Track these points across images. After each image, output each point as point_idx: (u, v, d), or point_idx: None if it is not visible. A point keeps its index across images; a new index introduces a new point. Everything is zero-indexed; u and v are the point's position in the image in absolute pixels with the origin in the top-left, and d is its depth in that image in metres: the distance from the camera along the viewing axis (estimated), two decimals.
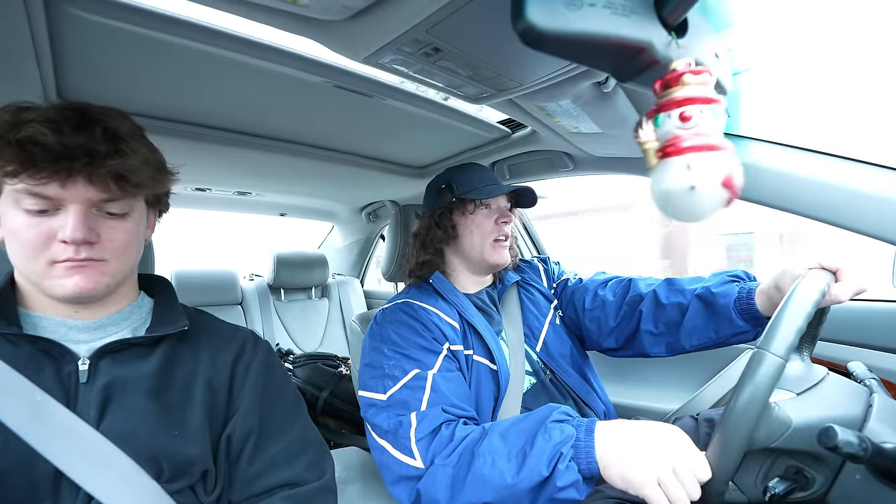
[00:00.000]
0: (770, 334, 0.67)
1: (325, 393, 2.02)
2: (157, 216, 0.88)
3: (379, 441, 0.95)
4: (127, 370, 0.74)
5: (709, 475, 0.67)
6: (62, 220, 0.67)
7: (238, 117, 1.32)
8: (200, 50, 0.91)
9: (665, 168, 0.56)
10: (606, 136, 1.21)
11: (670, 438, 0.73)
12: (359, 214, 2.83)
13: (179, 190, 2.12)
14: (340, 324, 2.91)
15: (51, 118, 0.66)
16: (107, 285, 0.73)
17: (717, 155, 0.54)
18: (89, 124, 0.68)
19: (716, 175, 0.53)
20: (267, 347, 0.91)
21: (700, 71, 0.54)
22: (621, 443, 0.74)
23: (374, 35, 0.78)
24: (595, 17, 0.49)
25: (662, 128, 0.56)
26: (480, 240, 1.19)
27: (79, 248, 0.68)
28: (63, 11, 0.79)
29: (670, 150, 0.55)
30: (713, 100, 0.54)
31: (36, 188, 0.66)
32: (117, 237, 0.72)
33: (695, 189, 0.53)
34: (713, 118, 0.54)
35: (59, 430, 0.65)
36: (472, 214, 1.20)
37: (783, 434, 0.69)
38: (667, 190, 0.55)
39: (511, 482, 0.76)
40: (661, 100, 0.56)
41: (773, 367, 0.64)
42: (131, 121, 0.75)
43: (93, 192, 0.68)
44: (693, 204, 0.54)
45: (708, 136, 0.54)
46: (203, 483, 0.76)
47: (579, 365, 1.23)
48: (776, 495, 0.71)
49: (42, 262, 0.68)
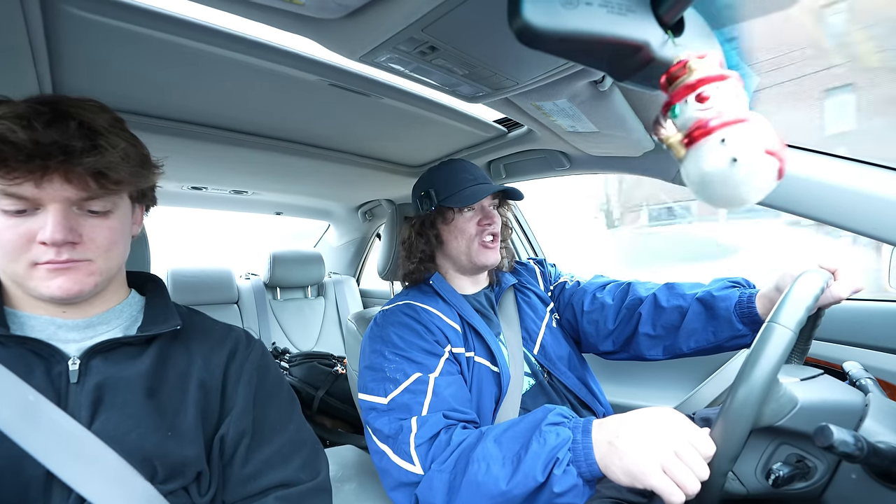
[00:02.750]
0: (780, 308, 0.67)
1: (321, 392, 2.02)
2: (144, 211, 0.85)
3: (380, 445, 0.95)
4: (118, 370, 0.72)
5: (713, 450, 0.66)
6: (41, 220, 0.65)
7: (234, 116, 1.31)
8: (196, 48, 0.90)
9: (697, 151, 0.51)
10: (603, 135, 1.20)
11: (666, 422, 0.71)
12: (355, 213, 2.82)
13: (175, 189, 2.12)
14: (336, 323, 2.90)
15: (21, 114, 0.63)
16: (94, 285, 0.71)
17: (750, 125, 0.49)
18: (63, 118, 0.65)
19: (756, 143, 0.48)
20: (261, 347, 0.90)
21: (704, 55, 0.52)
22: (619, 438, 0.72)
23: (370, 34, 0.78)
24: (591, 16, 0.49)
25: (682, 116, 0.53)
26: (466, 244, 1.18)
27: (60, 250, 0.65)
28: (59, 10, 0.78)
29: (697, 133, 0.51)
30: (727, 76, 0.51)
31: (10, 188, 0.62)
32: (101, 236, 0.70)
33: (737, 161, 0.47)
34: (731, 93, 0.51)
35: (49, 431, 0.64)
36: (454, 220, 1.18)
37: (790, 412, 0.68)
38: (706, 172, 0.50)
39: (505, 488, 0.74)
40: (672, 90, 0.53)
41: (784, 338, 0.64)
42: (110, 113, 0.72)
43: (71, 190, 0.65)
44: (739, 180, 0.48)
45: (733, 111, 0.50)
46: (197, 484, 0.76)
47: (577, 367, 1.23)
48: (780, 478, 0.70)
49: (23, 264, 0.66)
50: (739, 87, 0.51)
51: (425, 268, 1.23)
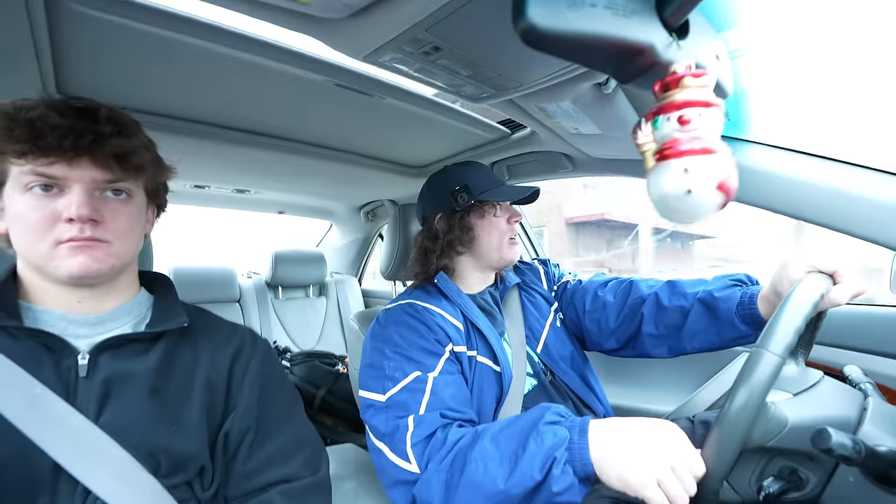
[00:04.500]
0: (768, 333, 0.67)
1: (322, 391, 2.02)
2: (156, 214, 0.89)
3: (377, 443, 0.95)
4: (126, 365, 0.74)
5: (703, 471, 0.67)
6: (67, 200, 0.69)
7: (238, 114, 1.32)
8: (201, 47, 0.91)
9: (663, 171, 0.56)
10: (606, 137, 1.21)
11: (666, 436, 0.72)
12: (357, 213, 2.83)
13: (178, 187, 2.12)
14: (338, 322, 2.90)
15: (55, 105, 0.70)
16: (111, 267, 0.73)
17: (714, 158, 0.54)
18: (92, 110, 0.72)
19: (712, 179, 0.54)
20: (265, 346, 0.91)
21: (700, 74, 0.54)
22: (617, 443, 0.72)
23: (374, 33, 0.78)
24: (596, 18, 0.49)
25: (661, 130, 0.57)
26: (498, 239, 1.19)
27: (83, 227, 0.69)
28: (63, 7, 0.79)
29: (668, 152, 0.56)
30: (712, 104, 0.55)
31: (42, 168, 0.68)
32: (120, 219, 0.74)
33: (691, 193, 0.54)
34: (711, 122, 0.55)
35: (57, 424, 0.65)
36: (491, 216, 1.20)
37: (779, 433, 0.69)
38: (664, 193, 0.56)
39: (503, 488, 0.75)
40: (661, 102, 0.56)
41: (772, 366, 0.64)
42: (131, 117, 0.78)
43: (97, 171, 0.71)
44: (689, 207, 0.55)
45: (706, 140, 0.55)
46: (200, 479, 0.76)
47: (579, 367, 1.23)
48: (770, 495, 0.71)
49: (47, 243, 0.69)
50: (720, 115, 0.56)
51: (441, 265, 1.22)
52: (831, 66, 1.14)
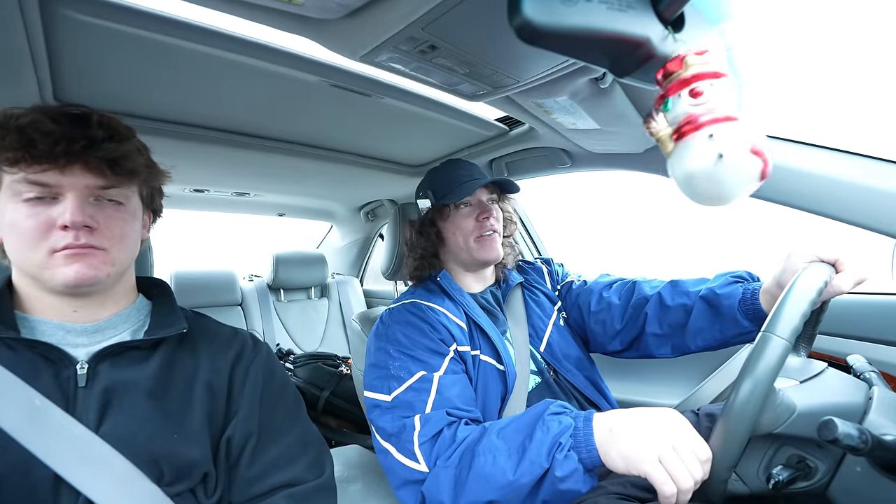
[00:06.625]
0: (774, 318, 0.66)
1: (325, 392, 2.02)
2: (152, 220, 0.89)
3: (383, 444, 0.95)
4: (126, 373, 0.73)
5: (709, 455, 0.67)
6: (61, 207, 0.68)
7: (235, 118, 1.32)
8: (197, 51, 0.90)
9: (685, 148, 0.51)
10: (604, 132, 1.20)
11: (668, 419, 0.73)
12: (357, 214, 2.82)
13: (178, 191, 2.12)
14: (340, 323, 2.91)
15: (48, 111, 0.70)
16: (108, 275, 0.73)
17: (739, 124, 0.49)
18: (84, 116, 0.72)
19: (742, 141, 0.48)
20: (266, 350, 0.91)
21: (703, 51, 0.52)
22: (620, 426, 0.74)
23: (370, 33, 0.78)
24: (591, 12, 0.49)
25: (674, 110, 0.53)
26: (464, 239, 1.19)
27: (78, 234, 0.69)
28: (59, 14, 0.78)
29: (687, 128, 0.51)
30: (722, 74, 0.51)
31: (34, 176, 0.67)
32: (115, 226, 0.73)
33: (723, 158, 0.48)
34: (724, 92, 0.51)
35: (57, 435, 0.64)
36: (451, 217, 1.21)
37: (788, 419, 0.68)
38: (690, 171, 0.50)
39: (513, 478, 0.75)
40: (667, 84, 0.54)
41: (779, 349, 0.63)
42: (123, 122, 0.78)
43: (90, 178, 0.70)
44: (722, 179, 0.49)
45: (724, 109, 0.50)
46: (203, 486, 0.76)
47: (585, 365, 1.23)
48: (780, 482, 0.70)
49: (42, 251, 0.68)
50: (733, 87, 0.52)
51: (430, 264, 1.24)
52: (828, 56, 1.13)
